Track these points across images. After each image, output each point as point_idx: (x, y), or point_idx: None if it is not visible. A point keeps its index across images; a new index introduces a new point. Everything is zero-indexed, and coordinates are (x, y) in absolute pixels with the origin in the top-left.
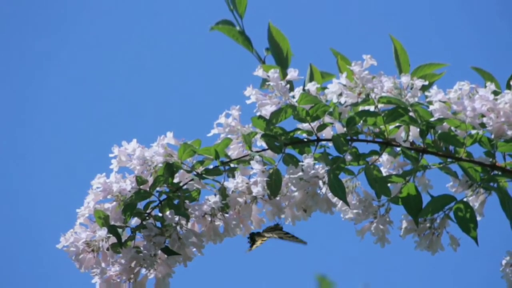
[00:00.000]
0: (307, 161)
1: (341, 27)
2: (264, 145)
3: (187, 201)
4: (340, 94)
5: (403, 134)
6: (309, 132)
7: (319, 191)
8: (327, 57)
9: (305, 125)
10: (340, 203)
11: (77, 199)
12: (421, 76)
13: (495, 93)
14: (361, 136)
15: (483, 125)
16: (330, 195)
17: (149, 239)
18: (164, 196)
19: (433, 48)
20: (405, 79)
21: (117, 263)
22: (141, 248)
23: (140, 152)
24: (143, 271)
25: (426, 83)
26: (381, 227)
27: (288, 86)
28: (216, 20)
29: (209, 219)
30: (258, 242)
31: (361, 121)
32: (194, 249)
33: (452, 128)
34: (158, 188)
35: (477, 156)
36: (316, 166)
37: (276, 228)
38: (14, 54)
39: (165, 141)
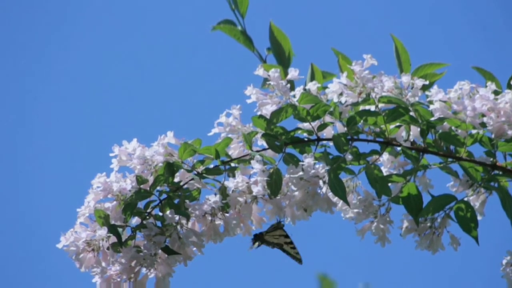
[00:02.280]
0: (307, 160)
1: (343, 27)
2: (265, 144)
3: (187, 201)
4: (341, 94)
5: (403, 134)
6: (310, 132)
7: (319, 191)
8: (328, 56)
9: (306, 125)
10: (340, 202)
11: (77, 199)
12: (422, 76)
13: (496, 92)
14: (361, 136)
15: (483, 125)
16: (330, 194)
17: (149, 238)
18: (164, 196)
19: (434, 48)
20: (405, 78)
21: (118, 263)
22: (142, 248)
23: (140, 152)
24: (144, 270)
25: (427, 82)
26: (382, 226)
27: (288, 85)
28: (217, 20)
29: (210, 218)
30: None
31: (362, 121)
32: (194, 249)
33: (453, 127)
34: (158, 188)
35: (478, 156)
36: (317, 166)
37: (278, 227)
38: (14, 52)
39: (166, 140)
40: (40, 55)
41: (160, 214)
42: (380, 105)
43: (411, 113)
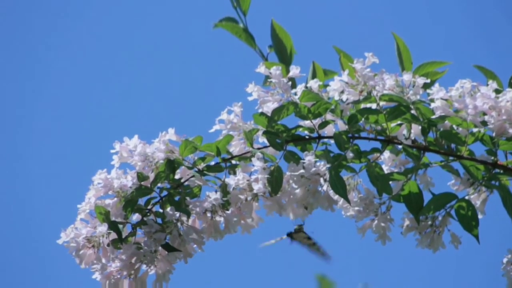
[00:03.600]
0: (308, 158)
1: (344, 25)
2: (266, 142)
3: (188, 198)
4: (342, 92)
5: (404, 132)
6: (311, 130)
7: (320, 189)
8: (330, 54)
9: (307, 123)
10: (341, 200)
11: (78, 195)
12: (423, 74)
13: (497, 91)
14: (362, 134)
15: (484, 123)
16: (331, 192)
17: (149, 235)
18: (165, 193)
19: (435, 46)
20: (407, 77)
21: (118, 259)
22: (142, 244)
23: (141, 148)
24: (144, 267)
25: (428, 81)
26: (382, 224)
27: (290, 83)
28: (219, 17)
29: (210, 215)
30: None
31: (363, 119)
32: (195, 246)
33: (454, 126)
34: (159, 185)
35: (479, 154)
36: (318, 164)
37: (299, 230)
38: (14, 50)
39: (167, 137)
40: (41, 50)
41: (161, 211)
42: (381, 103)
43: (412, 111)
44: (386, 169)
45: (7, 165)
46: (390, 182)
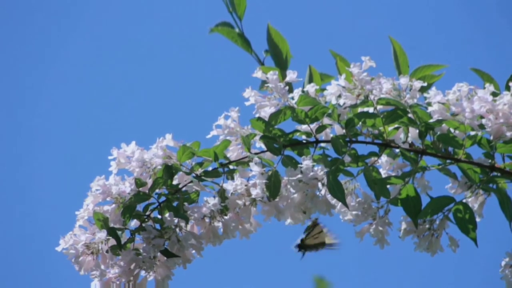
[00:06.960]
0: (306, 162)
1: (341, 29)
2: (263, 146)
3: (186, 203)
4: (339, 96)
5: (402, 136)
6: (308, 134)
7: (318, 193)
8: (326, 58)
9: (304, 127)
10: (339, 204)
11: (76, 202)
12: (420, 78)
13: (494, 94)
14: (360, 138)
15: (482, 127)
16: (329, 196)
17: (148, 241)
18: (163, 198)
19: (432, 49)
20: (404, 80)
21: (117, 265)
22: (141, 250)
23: (139, 154)
24: (143, 273)
25: (425, 84)
26: (380, 228)
27: (287, 87)
28: (215, 22)
29: (208, 221)
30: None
31: (360, 123)
32: (193, 251)
33: (451, 129)
34: (157, 190)
35: (476, 158)
36: (315, 168)
37: (314, 225)
38: (13, 52)
39: (164, 143)
40: (38, 58)
41: (159, 216)
42: (379, 107)
43: (410, 115)
44: (383, 173)
45: (5, 172)
46: (388, 186)
